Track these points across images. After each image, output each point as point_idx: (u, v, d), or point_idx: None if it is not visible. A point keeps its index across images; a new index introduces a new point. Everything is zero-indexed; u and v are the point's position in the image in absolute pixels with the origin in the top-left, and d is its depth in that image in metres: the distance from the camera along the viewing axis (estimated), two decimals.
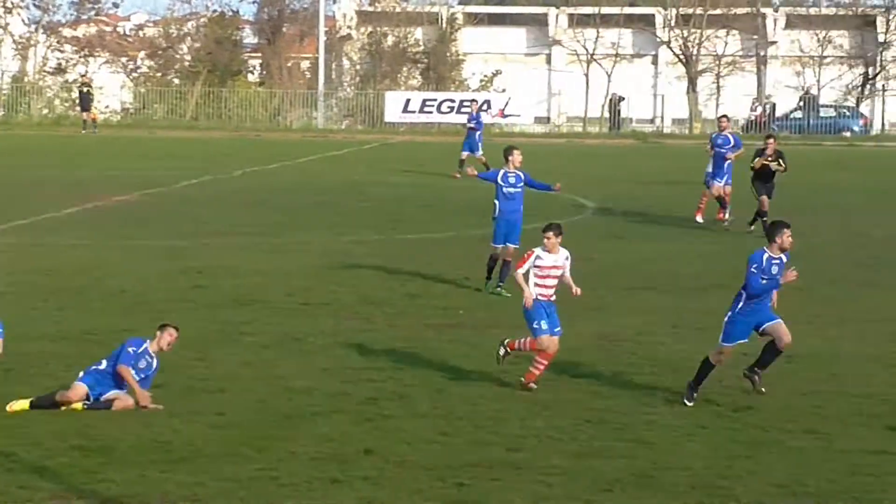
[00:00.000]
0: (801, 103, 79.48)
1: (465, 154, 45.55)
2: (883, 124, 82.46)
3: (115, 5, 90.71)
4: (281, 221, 33.52)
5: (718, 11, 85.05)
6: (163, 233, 30.99)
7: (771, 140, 32.50)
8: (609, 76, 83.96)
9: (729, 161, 33.14)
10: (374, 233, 31.67)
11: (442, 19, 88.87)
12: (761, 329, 16.19)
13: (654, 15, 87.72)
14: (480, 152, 45.33)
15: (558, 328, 16.73)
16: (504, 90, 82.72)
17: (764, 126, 73.17)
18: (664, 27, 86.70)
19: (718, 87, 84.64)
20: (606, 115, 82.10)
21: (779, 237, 16.06)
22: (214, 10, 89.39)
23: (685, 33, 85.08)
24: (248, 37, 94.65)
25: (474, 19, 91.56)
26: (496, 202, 23.45)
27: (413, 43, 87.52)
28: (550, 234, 16.82)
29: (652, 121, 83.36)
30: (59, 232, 30.72)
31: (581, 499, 12.56)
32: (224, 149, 59.54)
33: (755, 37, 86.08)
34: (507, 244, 23.27)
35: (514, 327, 18.05)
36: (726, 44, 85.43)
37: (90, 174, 45.29)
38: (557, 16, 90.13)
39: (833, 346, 19.48)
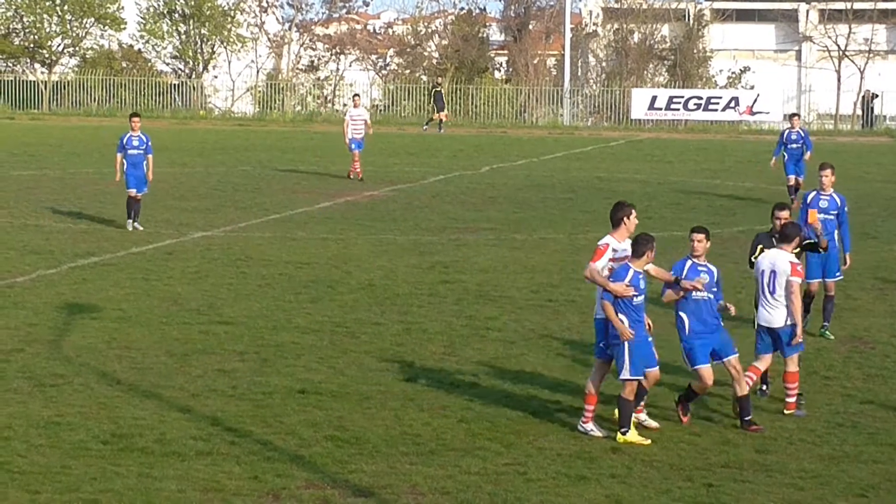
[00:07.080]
0: None
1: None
2: None
3: (366, 3, 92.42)
4: (526, 217, 33.65)
5: None
6: (410, 228, 31.43)
7: None
8: (862, 73, 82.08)
9: None
10: None
11: (689, 16, 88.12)
12: None
13: None
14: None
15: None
16: (752, 87, 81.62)
17: None
18: None
19: None
20: (859, 112, 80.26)
21: None
22: (462, 8, 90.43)
23: None
24: (495, 34, 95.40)
25: (722, 15, 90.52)
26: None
27: (659, 39, 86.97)
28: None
29: None
30: (311, 226, 31.42)
31: None
32: (471, 145, 60.07)
33: None
34: (825, 279, 20.04)
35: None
36: None
37: (342, 169, 46.15)
38: (808, 11, 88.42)
39: None
